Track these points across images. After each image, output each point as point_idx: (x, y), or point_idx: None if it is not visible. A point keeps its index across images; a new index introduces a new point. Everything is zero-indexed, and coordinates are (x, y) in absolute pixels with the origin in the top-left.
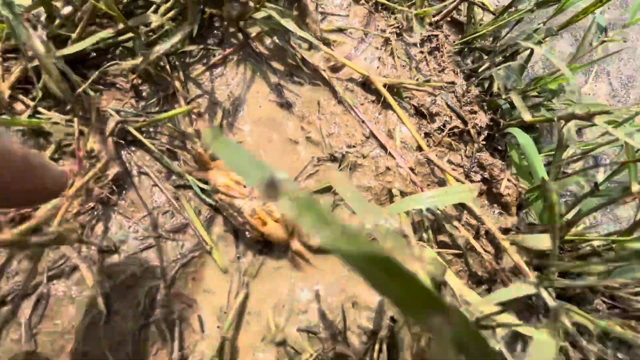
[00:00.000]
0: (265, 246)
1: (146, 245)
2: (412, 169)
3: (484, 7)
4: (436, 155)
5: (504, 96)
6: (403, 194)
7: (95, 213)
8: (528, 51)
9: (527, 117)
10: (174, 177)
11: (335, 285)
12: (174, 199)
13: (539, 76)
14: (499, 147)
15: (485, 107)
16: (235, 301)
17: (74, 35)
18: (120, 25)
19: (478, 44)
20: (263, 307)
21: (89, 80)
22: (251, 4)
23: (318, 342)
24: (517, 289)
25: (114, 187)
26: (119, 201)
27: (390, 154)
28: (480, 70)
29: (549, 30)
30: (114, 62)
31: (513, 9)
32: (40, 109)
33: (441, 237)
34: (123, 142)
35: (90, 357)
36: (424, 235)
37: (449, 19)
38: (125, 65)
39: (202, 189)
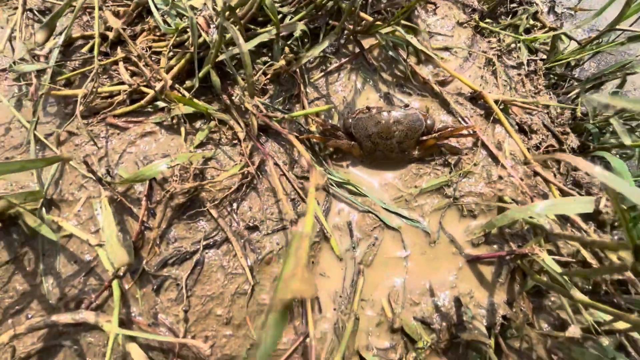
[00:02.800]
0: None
1: (280, 227)
2: (521, 179)
3: (571, 37)
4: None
5: (592, 121)
6: (514, 202)
7: (241, 193)
8: (618, 80)
9: (627, 141)
10: (296, 169)
11: (447, 282)
12: (299, 188)
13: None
14: None
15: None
16: (351, 287)
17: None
18: (273, 30)
19: (559, 70)
20: (376, 295)
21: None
22: (379, 22)
23: (432, 332)
24: None
25: (258, 172)
26: (258, 185)
27: (502, 164)
28: (570, 94)
29: None
30: (269, 62)
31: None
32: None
33: (546, 246)
34: (262, 134)
35: (233, 322)
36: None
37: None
38: (275, 66)
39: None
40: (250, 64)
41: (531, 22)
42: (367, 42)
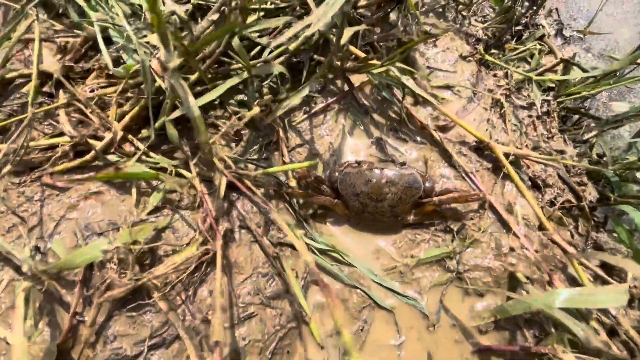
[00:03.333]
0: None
1: (248, 314)
2: (536, 251)
3: (583, 69)
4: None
5: (611, 167)
6: (530, 280)
7: (200, 273)
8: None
9: None
10: (272, 232)
11: None
12: (274, 258)
13: None
14: (595, 218)
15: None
16: None
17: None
18: (245, 74)
19: (570, 104)
20: None
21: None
22: (373, 62)
23: None
24: None
25: (224, 244)
26: (223, 260)
27: (514, 233)
28: (586, 137)
29: None
30: (237, 110)
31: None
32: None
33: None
34: (232, 192)
35: None
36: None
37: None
38: (245, 115)
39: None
40: (205, 129)
41: (538, 46)
42: (357, 79)
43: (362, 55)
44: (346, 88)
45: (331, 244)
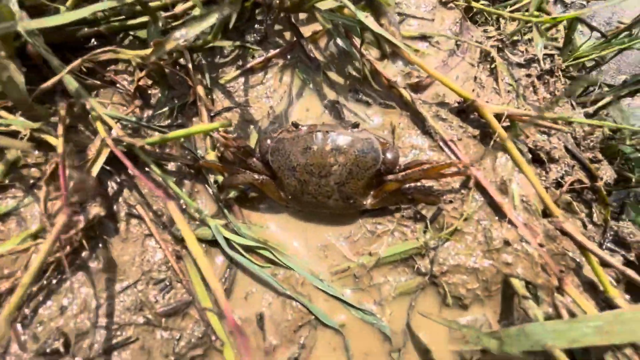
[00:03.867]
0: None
1: (123, 340)
2: (541, 245)
3: (592, 28)
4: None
5: (628, 142)
6: (532, 286)
7: (46, 283)
8: None
9: None
10: (176, 226)
11: None
12: (174, 258)
13: None
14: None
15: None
16: None
17: (62, 9)
18: None
19: (574, 73)
20: None
21: (69, 67)
22: None
23: None
24: None
25: (84, 241)
26: (89, 262)
27: (509, 220)
28: (597, 106)
29: None
30: (111, 48)
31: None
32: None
33: None
34: (109, 168)
35: None
36: None
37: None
38: (128, 54)
39: (227, 239)
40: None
41: (536, 12)
42: (308, 29)
43: None
44: (293, 39)
45: (263, 239)
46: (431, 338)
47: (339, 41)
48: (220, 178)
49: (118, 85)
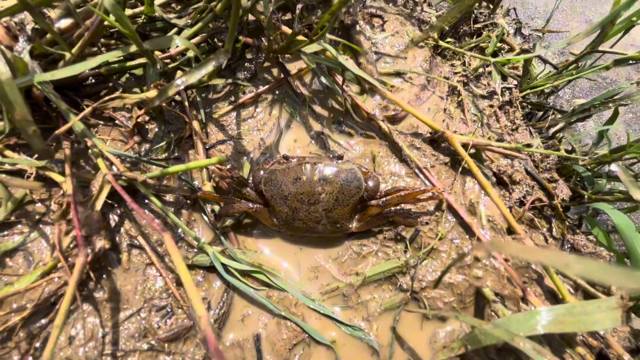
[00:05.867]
0: None
1: None
2: (506, 260)
3: (545, 61)
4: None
5: (581, 162)
6: (500, 297)
7: (55, 315)
8: (607, 112)
9: (637, 194)
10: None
11: None
12: (175, 285)
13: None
14: (569, 220)
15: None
16: None
17: (68, 55)
18: (132, 48)
19: (534, 99)
20: None
21: (81, 114)
22: (301, 37)
23: None
24: None
25: (91, 273)
26: (95, 292)
27: (477, 238)
28: (553, 130)
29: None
30: (116, 92)
31: (579, 64)
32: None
33: None
34: (110, 201)
35: None
36: None
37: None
38: (130, 98)
39: (224, 265)
40: (67, 110)
41: (498, 44)
42: (294, 66)
43: (289, 31)
44: (281, 76)
45: (257, 263)
46: (415, 349)
47: (323, 79)
48: (216, 207)
49: (117, 121)
